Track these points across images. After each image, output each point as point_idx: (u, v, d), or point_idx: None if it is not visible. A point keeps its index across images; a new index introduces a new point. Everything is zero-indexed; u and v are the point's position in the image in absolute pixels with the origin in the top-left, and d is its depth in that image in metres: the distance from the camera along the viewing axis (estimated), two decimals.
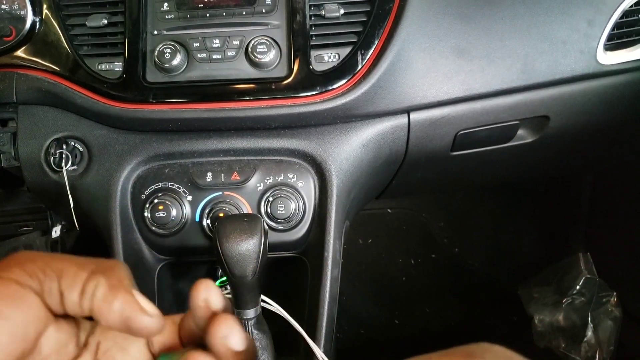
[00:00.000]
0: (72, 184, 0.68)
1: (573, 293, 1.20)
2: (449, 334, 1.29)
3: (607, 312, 1.15)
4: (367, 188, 0.76)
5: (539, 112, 0.73)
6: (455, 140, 0.74)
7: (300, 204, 0.67)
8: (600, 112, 0.76)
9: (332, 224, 0.66)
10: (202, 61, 0.64)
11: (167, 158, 0.68)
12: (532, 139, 0.78)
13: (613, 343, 1.13)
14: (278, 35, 0.64)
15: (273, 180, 0.67)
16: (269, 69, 0.64)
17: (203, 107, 0.64)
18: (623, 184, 1.17)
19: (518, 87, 0.68)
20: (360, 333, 1.30)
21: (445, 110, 0.69)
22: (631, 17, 0.70)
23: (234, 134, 0.68)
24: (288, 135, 0.67)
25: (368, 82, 0.63)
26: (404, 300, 1.35)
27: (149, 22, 0.65)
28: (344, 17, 0.64)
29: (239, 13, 0.65)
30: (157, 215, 0.66)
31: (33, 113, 0.69)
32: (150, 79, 0.64)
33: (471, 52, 0.66)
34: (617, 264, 1.19)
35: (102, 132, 0.68)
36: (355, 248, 1.38)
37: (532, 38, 0.67)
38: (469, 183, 1.15)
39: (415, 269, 1.38)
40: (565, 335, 1.19)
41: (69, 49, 0.65)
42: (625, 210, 1.16)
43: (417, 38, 0.65)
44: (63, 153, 0.67)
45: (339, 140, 0.67)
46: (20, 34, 0.66)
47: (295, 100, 0.63)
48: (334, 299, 0.67)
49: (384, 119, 0.68)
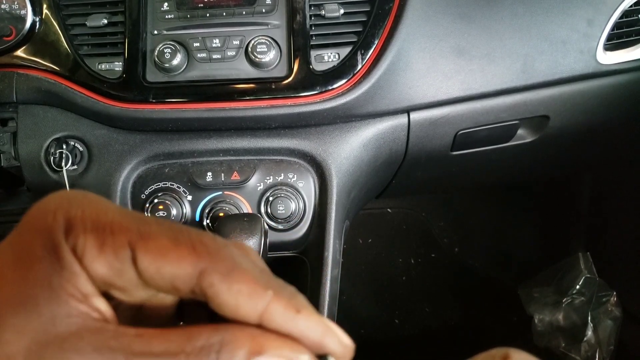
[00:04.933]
0: (72, 184, 0.68)
1: (573, 293, 1.20)
2: (449, 333, 1.29)
3: (606, 312, 1.15)
4: (367, 188, 0.76)
5: (538, 111, 0.73)
6: (455, 140, 0.74)
7: (300, 203, 0.67)
8: (600, 111, 0.77)
9: (332, 223, 0.66)
10: (202, 61, 0.64)
11: (167, 158, 0.68)
12: (532, 139, 0.78)
13: (613, 342, 1.13)
14: (278, 35, 0.64)
15: (273, 180, 0.67)
16: (269, 68, 0.64)
17: (203, 107, 0.64)
18: (623, 184, 1.17)
19: (518, 86, 0.69)
20: (360, 333, 1.31)
21: (445, 110, 0.69)
22: (631, 17, 0.70)
23: (234, 133, 0.68)
24: (288, 135, 0.68)
25: (368, 81, 0.63)
26: (404, 300, 1.35)
27: (149, 22, 0.65)
28: (344, 17, 0.64)
29: (239, 13, 0.65)
30: (157, 214, 0.66)
31: (33, 113, 0.69)
32: (150, 79, 0.64)
33: (471, 52, 0.66)
34: (617, 264, 1.19)
35: (102, 131, 0.68)
36: (355, 248, 1.38)
37: (532, 38, 0.67)
38: (469, 183, 1.15)
39: (415, 268, 1.38)
40: (565, 334, 1.19)
41: (69, 49, 0.65)
42: (625, 210, 1.16)
43: (417, 38, 0.65)
44: (63, 153, 0.67)
45: (339, 140, 0.68)
46: (20, 33, 0.66)
47: (295, 100, 0.63)
48: (334, 298, 0.67)
49: (384, 118, 0.68)
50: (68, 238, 0.21)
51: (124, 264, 0.21)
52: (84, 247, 0.21)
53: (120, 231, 0.21)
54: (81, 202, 0.22)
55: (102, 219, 0.21)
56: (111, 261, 0.21)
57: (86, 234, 0.21)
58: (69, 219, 0.21)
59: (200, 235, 0.22)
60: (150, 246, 0.21)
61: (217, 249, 0.22)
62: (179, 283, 0.21)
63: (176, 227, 0.22)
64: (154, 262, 0.21)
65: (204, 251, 0.21)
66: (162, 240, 0.21)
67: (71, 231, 0.21)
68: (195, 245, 0.21)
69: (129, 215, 0.22)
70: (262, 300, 0.21)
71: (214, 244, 0.22)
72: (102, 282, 0.22)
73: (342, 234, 0.70)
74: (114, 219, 0.22)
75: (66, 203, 0.22)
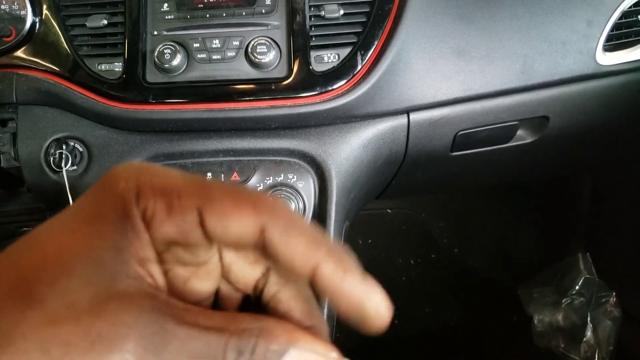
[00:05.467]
0: (72, 185, 0.68)
1: (572, 293, 1.20)
2: (449, 333, 1.29)
3: (606, 312, 1.15)
4: (367, 188, 0.76)
5: (538, 112, 0.73)
6: (455, 140, 0.74)
7: (300, 204, 0.67)
8: (600, 112, 0.77)
9: (332, 224, 0.66)
10: (202, 61, 0.64)
11: (167, 158, 0.68)
12: (532, 139, 0.78)
13: (612, 343, 1.13)
14: (278, 35, 0.64)
15: (273, 181, 0.67)
16: (269, 69, 0.64)
17: (203, 108, 0.64)
18: (623, 184, 1.17)
19: (517, 87, 0.69)
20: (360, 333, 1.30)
21: (444, 110, 0.69)
22: (630, 18, 0.70)
23: (234, 134, 0.68)
24: (288, 135, 0.68)
25: (368, 82, 0.63)
26: (404, 300, 1.35)
27: (149, 23, 0.65)
28: (344, 17, 0.64)
29: (239, 13, 0.65)
30: None
31: (33, 113, 0.69)
32: (150, 80, 0.64)
33: (471, 53, 0.66)
34: (617, 265, 1.19)
35: (102, 132, 0.68)
36: (355, 248, 1.38)
37: (532, 39, 0.67)
38: (468, 183, 1.15)
39: (415, 269, 1.38)
40: (564, 335, 1.19)
41: (69, 49, 0.65)
42: (624, 211, 1.16)
43: (417, 38, 0.65)
44: (63, 153, 0.67)
45: (339, 140, 0.68)
46: (20, 34, 0.66)
47: (295, 101, 0.63)
48: None
49: (383, 119, 0.68)
50: (139, 203, 0.23)
51: (192, 224, 0.22)
52: (154, 211, 0.22)
53: (186, 195, 0.23)
54: (149, 170, 0.24)
55: (169, 185, 0.23)
56: (179, 223, 0.22)
57: (156, 198, 0.23)
58: (139, 185, 0.23)
59: (259, 195, 0.24)
60: (215, 207, 0.22)
61: (275, 206, 0.23)
62: (243, 239, 0.23)
63: (237, 188, 0.24)
64: (220, 222, 0.22)
65: (264, 209, 0.23)
66: (226, 201, 0.23)
67: (141, 196, 0.23)
68: (256, 204, 0.23)
69: (193, 180, 0.24)
70: (315, 256, 0.23)
71: (272, 202, 0.23)
72: (169, 243, 0.23)
73: (342, 234, 0.70)
74: (180, 184, 0.23)
75: (136, 171, 0.24)
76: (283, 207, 0.24)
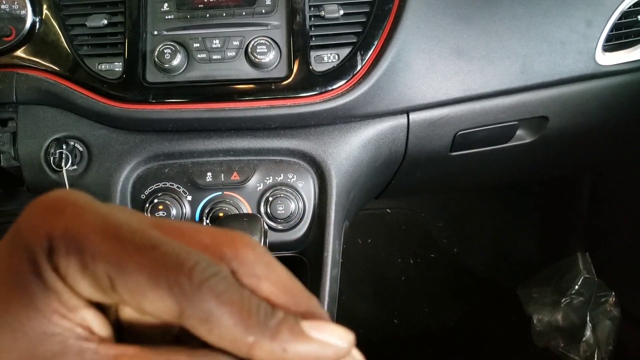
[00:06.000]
0: (71, 184, 0.68)
1: (572, 293, 1.20)
2: (448, 333, 1.29)
3: (605, 312, 1.15)
4: (366, 188, 0.76)
5: (537, 112, 0.74)
6: (455, 140, 0.74)
7: (299, 204, 0.67)
8: (599, 112, 0.77)
9: (331, 223, 0.66)
10: (202, 61, 0.64)
11: (167, 158, 0.69)
12: (531, 140, 0.78)
13: (611, 343, 1.14)
14: (278, 35, 0.64)
15: (273, 180, 0.67)
16: (269, 69, 0.64)
17: (203, 107, 0.64)
18: (622, 184, 1.17)
19: (517, 87, 0.69)
20: (359, 333, 1.30)
21: (444, 110, 0.69)
22: (630, 19, 0.70)
23: (234, 134, 0.68)
24: (288, 135, 0.68)
25: (367, 82, 0.63)
26: (403, 300, 1.35)
27: (149, 22, 0.65)
28: (344, 17, 0.64)
29: (239, 13, 0.65)
30: (157, 215, 0.66)
31: (33, 113, 0.69)
32: (150, 79, 0.64)
33: (470, 53, 0.66)
34: (616, 264, 1.19)
35: (102, 132, 0.68)
36: (354, 248, 1.38)
37: (531, 39, 0.67)
38: (468, 183, 1.15)
39: (415, 269, 1.38)
40: (564, 335, 1.19)
41: (69, 49, 0.65)
42: (624, 211, 1.17)
43: (417, 39, 0.65)
44: (63, 153, 0.67)
45: (339, 140, 0.68)
46: (20, 34, 0.66)
47: (295, 101, 0.63)
48: (334, 298, 0.67)
49: (383, 119, 0.69)
50: (51, 258, 0.20)
51: (107, 289, 0.20)
52: (67, 269, 0.20)
53: (101, 259, 0.20)
54: (68, 215, 0.21)
55: (85, 241, 0.20)
56: (94, 285, 0.20)
57: (68, 256, 0.20)
58: (51, 239, 0.20)
59: (178, 272, 0.20)
60: (128, 282, 0.20)
61: (193, 292, 0.20)
62: (163, 318, 0.20)
63: (160, 256, 0.20)
64: (134, 298, 0.20)
65: (181, 294, 0.20)
66: (140, 278, 0.20)
67: (53, 252, 0.20)
68: (172, 287, 0.20)
69: (113, 236, 0.20)
70: (246, 342, 0.20)
71: (190, 285, 0.20)
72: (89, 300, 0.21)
73: (341, 234, 0.70)
74: (95, 242, 0.20)
75: (51, 217, 0.21)
76: (206, 287, 0.20)
